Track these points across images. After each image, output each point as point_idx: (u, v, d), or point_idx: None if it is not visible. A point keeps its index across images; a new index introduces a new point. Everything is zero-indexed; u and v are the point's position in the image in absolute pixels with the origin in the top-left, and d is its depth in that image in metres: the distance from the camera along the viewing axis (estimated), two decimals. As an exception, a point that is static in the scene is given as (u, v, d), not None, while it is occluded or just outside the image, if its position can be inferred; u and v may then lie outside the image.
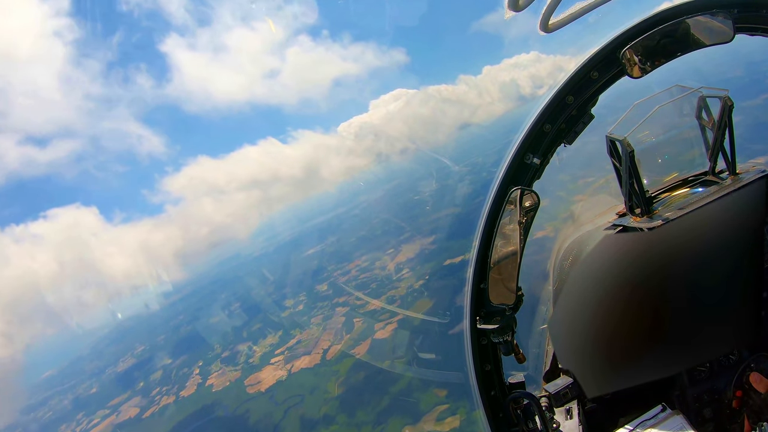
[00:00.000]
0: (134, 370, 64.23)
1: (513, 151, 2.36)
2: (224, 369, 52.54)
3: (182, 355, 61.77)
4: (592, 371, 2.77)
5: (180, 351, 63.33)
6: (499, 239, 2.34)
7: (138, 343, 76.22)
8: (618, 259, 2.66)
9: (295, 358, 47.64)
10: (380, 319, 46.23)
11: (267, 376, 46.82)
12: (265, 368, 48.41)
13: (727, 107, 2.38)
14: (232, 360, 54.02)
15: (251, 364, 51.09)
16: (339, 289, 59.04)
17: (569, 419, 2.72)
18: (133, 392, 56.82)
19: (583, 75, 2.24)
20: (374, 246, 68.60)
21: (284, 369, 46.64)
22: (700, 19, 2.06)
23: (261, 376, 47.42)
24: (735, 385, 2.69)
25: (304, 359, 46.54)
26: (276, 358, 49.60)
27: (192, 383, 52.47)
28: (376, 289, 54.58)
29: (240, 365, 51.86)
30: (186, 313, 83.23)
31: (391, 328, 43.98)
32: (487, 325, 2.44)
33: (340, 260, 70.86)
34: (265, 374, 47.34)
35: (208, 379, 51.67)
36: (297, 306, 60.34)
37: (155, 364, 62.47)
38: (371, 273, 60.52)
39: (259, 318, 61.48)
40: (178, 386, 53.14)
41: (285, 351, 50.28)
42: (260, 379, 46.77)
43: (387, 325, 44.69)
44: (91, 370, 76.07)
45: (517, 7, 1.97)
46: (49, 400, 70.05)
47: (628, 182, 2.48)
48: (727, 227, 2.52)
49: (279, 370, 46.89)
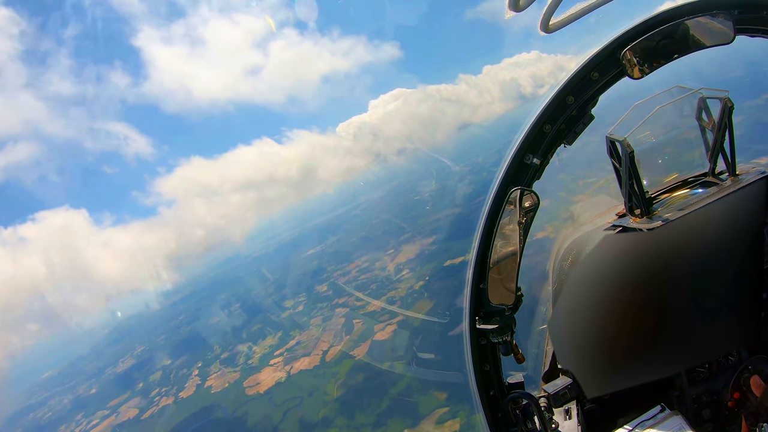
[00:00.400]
0: (134, 370, 64.29)
1: (513, 151, 2.35)
2: (223, 370, 52.59)
3: (182, 355, 61.78)
4: (591, 372, 2.77)
5: (179, 352, 63.35)
6: (499, 239, 2.34)
7: (138, 344, 76.45)
8: (618, 259, 2.67)
9: (295, 360, 47.55)
10: (380, 320, 46.13)
11: (266, 377, 46.73)
12: (264, 369, 48.34)
13: (727, 108, 2.38)
14: (231, 361, 54.03)
15: (250, 365, 51.12)
16: (339, 290, 58.97)
17: (568, 419, 2.72)
18: (132, 393, 56.83)
19: (584, 75, 2.24)
20: (374, 246, 68.75)
21: (283, 370, 46.55)
22: (700, 20, 2.05)
23: (260, 377, 47.35)
24: (733, 387, 2.70)
25: (304, 360, 46.40)
26: (275, 360, 49.57)
27: (191, 384, 52.45)
28: (376, 290, 54.54)
29: (239, 366, 51.89)
30: (186, 314, 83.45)
31: (390, 329, 43.83)
32: (487, 326, 2.44)
33: (340, 261, 70.97)
34: (264, 375, 47.25)
35: (207, 380, 51.62)
36: (297, 307, 60.40)
37: (155, 364, 62.55)
38: (371, 274, 60.68)
39: (259, 318, 61.44)
40: (177, 387, 53.12)
41: (284, 352, 50.32)
42: (259, 381, 46.68)
43: (387, 326, 44.56)
44: (91, 370, 76.45)
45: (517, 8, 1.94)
46: (48, 401, 70.45)
47: (627, 183, 2.48)
48: (727, 228, 2.53)
49: (278, 372, 46.81)
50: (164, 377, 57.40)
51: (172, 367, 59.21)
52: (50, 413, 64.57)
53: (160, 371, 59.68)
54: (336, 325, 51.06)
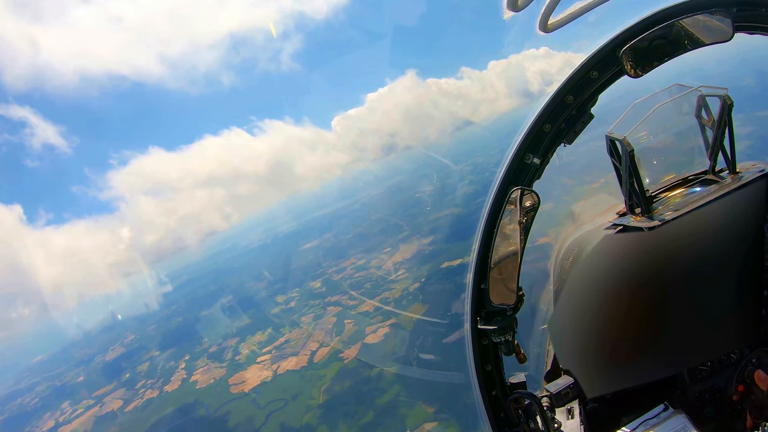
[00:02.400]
0: (122, 359, 63.70)
1: (513, 151, 2.36)
2: (210, 365, 52.39)
3: (170, 347, 61.22)
4: (593, 371, 2.77)
5: (169, 343, 62.82)
6: (500, 239, 2.34)
7: (129, 332, 76.86)
8: (618, 258, 2.68)
9: (282, 359, 46.50)
10: (372, 323, 44.79)
11: (252, 375, 45.69)
12: (251, 367, 47.38)
13: (727, 106, 2.39)
14: (218, 356, 53.79)
15: (237, 361, 50.53)
16: (332, 288, 58.43)
17: (570, 419, 2.72)
18: (119, 383, 56.17)
19: (583, 74, 2.26)
20: (372, 243, 69.62)
21: (270, 369, 45.53)
22: (699, 18, 2.06)
23: (246, 375, 46.39)
24: (737, 380, 2.67)
25: (291, 360, 45.20)
26: (263, 357, 48.67)
27: (177, 378, 51.86)
28: (370, 290, 54.87)
29: (226, 362, 51.67)
30: (179, 303, 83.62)
31: (382, 332, 42.59)
32: (488, 326, 2.46)
33: (336, 257, 71.43)
34: (250, 374, 46.26)
35: (193, 375, 51.01)
36: (289, 303, 60.68)
37: (143, 355, 62.02)
38: (367, 272, 60.35)
39: (250, 313, 60.95)
40: (163, 380, 52.49)
41: (272, 350, 49.67)
42: (245, 379, 45.71)
43: (379, 329, 43.14)
44: (81, 357, 76.48)
45: (516, 7, 1.96)
46: (36, 386, 70.18)
47: (628, 181, 2.51)
48: (728, 226, 2.51)
49: (264, 371, 45.78)
50: (151, 369, 56.87)
51: (160, 359, 58.71)
52: (37, 399, 64.25)
53: (147, 362, 59.18)
54: (327, 324, 50.16)
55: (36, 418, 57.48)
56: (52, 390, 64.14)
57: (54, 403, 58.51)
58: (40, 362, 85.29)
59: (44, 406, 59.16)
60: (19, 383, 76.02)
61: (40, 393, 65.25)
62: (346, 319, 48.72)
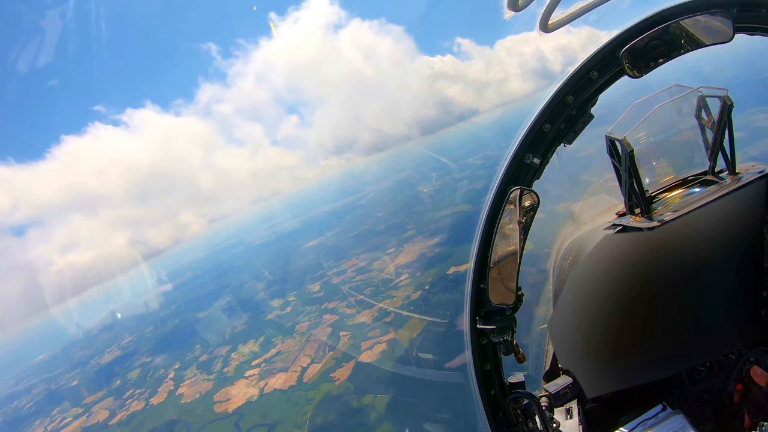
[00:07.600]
0: (116, 363, 63.06)
1: (513, 151, 2.39)
2: (198, 377, 51.12)
3: (163, 352, 60.28)
4: (592, 371, 2.79)
5: (162, 348, 61.97)
6: (499, 239, 2.37)
7: (127, 333, 76.89)
8: (618, 258, 2.69)
9: (271, 374, 43.58)
10: (368, 337, 40.13)
11: (238, 392, 43.05)
12: (238, 382, 44.93)
13: (727, 106, 2.43)
14: (207, 366, 52.87)
15: (225, 374, 47.96)
16: (331, 292, 56.26)
17: (569, 419, 2.75)
18: (108, 391, 55.25)
19: (583, 75, 2.27)
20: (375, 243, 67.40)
21: (257, 386, 42.27)
22: (699, 18, 2.09)
23: (232, 391, 43.92)
24: (735, 379, 2.71)
25: (280, 377, 41.87)
26: (251, 372, 45.99)
27: (164, 389, 50.58)
28: (370, 295, 51.95)
29: (214, 374, 50.52)
30: (178, 303, 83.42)
31: (379, 349, 37.63)
32: (487, 325, 2.47)
33: (337, 257, 70.28)
34: (236, 390, 43.80)
35: (180, 387, 49.54)
36: (285, 308, 59.06)
37: (136, 360, 61.12)
38: (367, 275, 57.05)
39: (245, 319, 59.43)
40: (151, 390, 51.28)
41: (262, 363, 47.01)
42: (230, 396, 43.18)
43: (375, 345, 38.33)
44: (78, 358, 75.62)
45: (516, 7, 1.98)
46: (33, 388, 69.56)
47: (627, 182, 2.53)
48: (727, 227, 2.54)
49: (251, 387, 43.09)
50: (141, 376, 55.80)
51: (151, 366, 57.63)
52: (32, 403, 63.45)
53: (139, 369, 58.13)
54: (322, 335, 46.18)
55: (26, 425, 57.03)
56: (47, 394, 63.98)
57: (46, 409, 58.07)
58: (41, 362, 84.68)
59: (37, 412, 58.80)
60: (19, 384, 76.13)
61: (35, 396, 65.61)
62: (341, 331, 45.07)
